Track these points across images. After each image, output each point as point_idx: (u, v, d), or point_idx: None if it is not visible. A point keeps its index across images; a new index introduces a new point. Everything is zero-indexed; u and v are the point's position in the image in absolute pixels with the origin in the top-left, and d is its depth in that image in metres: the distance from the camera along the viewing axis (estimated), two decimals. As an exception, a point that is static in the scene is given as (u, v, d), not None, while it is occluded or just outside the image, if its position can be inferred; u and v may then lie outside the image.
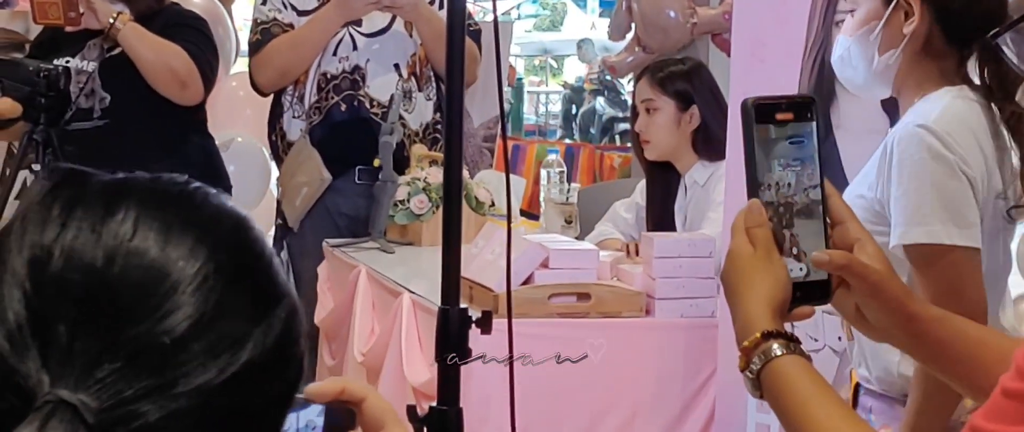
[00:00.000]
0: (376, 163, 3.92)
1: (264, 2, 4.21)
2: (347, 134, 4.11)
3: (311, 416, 1.03)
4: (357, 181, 4.14)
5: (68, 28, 3.98)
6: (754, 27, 2.87)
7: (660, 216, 3.71)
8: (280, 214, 4.29)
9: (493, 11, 2.12)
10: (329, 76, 4.14)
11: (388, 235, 3.91)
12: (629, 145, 7.78)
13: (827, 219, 1.28)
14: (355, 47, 4.15)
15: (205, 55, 4.01)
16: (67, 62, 3.99)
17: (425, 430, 1.97)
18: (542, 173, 4.25)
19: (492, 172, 5.21)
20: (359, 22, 4.15)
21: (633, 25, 5.58)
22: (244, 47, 4.94)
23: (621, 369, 3.02)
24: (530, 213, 5.95)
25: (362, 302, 3.54)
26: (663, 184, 3.73)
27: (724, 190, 3.08)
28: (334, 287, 3.89)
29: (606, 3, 19.77)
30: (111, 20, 3.88)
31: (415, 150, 4.09)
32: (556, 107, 17.81)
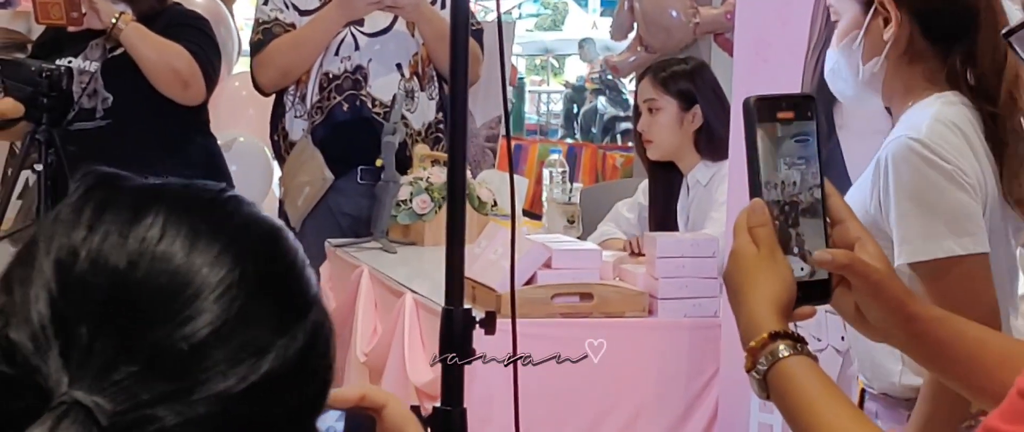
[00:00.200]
0: (378, 163, 3.92)
1: (266, 2, 4.21)
2: (349, 134, 4.11)
3: (331, 422, 1.03)
4: (359, 181, 4.14)
5: (70, 28, 3.98)
6: (757, 26, 2.87)
7: (662, 216, 3.71)
8: (282, 214, 4.29)
9: (497, 11, 2.12)
10: (331, 76, 4.14)
11: (390, 235, 3.91)
12: (631, 145, 7.78)
13: (827, 218, 1.28)
14: (357, 47, 4.15)
15: (207, 55, 4.01)
16: (69, 62, 3.98)
17: (429, 430, 1.97)
18: (544, 173, 4.25)
19: (494, 172, 5.22)
20: (361, 22, 4.15)
21: (635, 25, 5.59)
22: (246, 47, 4.94)
23: (624, 369, 3.02)
24: (532, 213, 5.95)
25: (364, 302, 3.54)
26: (665, 184, 3.73)
27: (727, 190, 3.08)
28: (336, 287, 3.89)
29: (607, 2, 19.77)
30: (113, 20, 3.88)
31: (417, 150, 4.09)
32: (557, 107, 17.80)
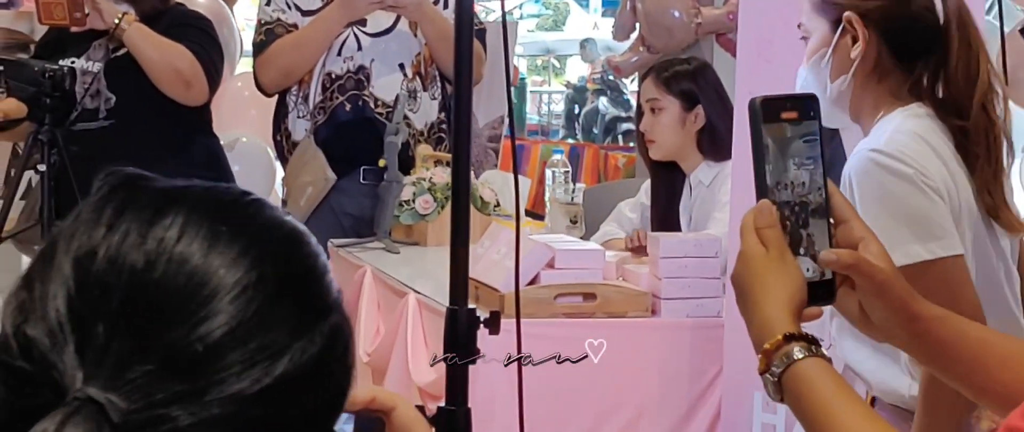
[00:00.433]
0: (381, 163, 3.92)
1: (268, 2, 4.21)
2: (352, 134, 4.11)
3: (340, 424, 1.03)
4: (362, 181, 4.14)
5: (73, 28, 3.98)
6: (760, 26, 2.87)
7: (665, 216, 3.71)
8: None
9: (501, 11, 2.12)
10: (334, 76, 4.14)
11: (393, 235, 3.91)
12: (633, 145, 7.78)
13: (830, 218, 1.28)
14: (360, 47, 4.15)
15: (210, 55, 4.02)
16: (72, 62, 3.99)
17: (433, 430, 1.97)
18: (547, 173, 4.25)
19: (497, 172, 5.22)
20: (363, 22, 4.15)
21: (637, 25, 5.59)
22: (247, 47, 4.94)
23: (627, 369, 3.02)
24: (535, 213, 5.96)
25: (367, 302, 3.54)
26: (668, 184, 3.73)
27: (730, 190, 3.08)
28: (339, 287, 3.88)
29: (608, 2, 19.77)
30: (116, 20, 3.89)
31: (420, 150, 4.09)
32: (559, 107, 17.80)
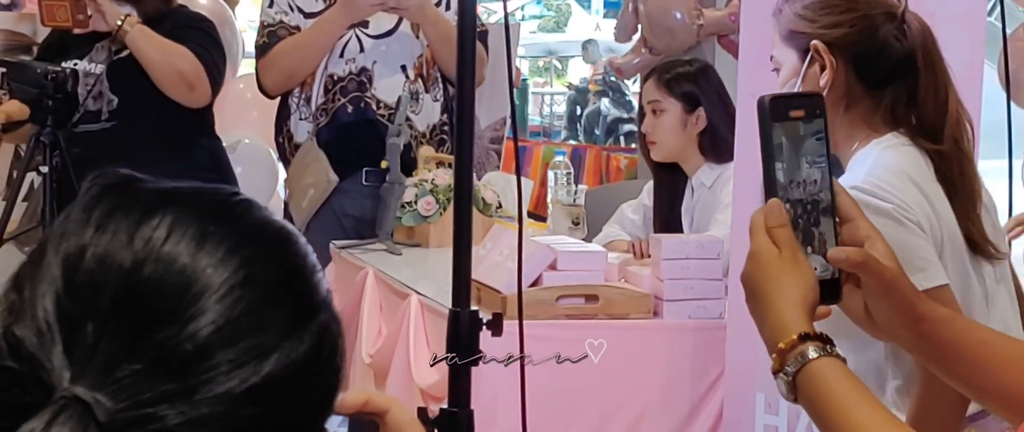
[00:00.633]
0: (383, 165, 3.92)
1: (270, 4, 4.21)
2: (354, 136, 4.11)
3: (334, 427, 1.03)
4: (364, 183, 4.14)
5: (76, 30, 3.98)
6: (761, 28, 2.87)
7: (667, 218, 3.71)
8: (287, 216, 4.29)
9: (504, 13, 2.13)
10: (336, 78, 4.14)
11: (395, 237, 3.91)
12: (635, 146, 7.77)
13: (836, 217, 1.28)
14: (362, 49, 4.15)
15: (212, 57, 4.02)
16: (75, 64, 3.99)
17: (436, 432, 1.97)
18: (549, 174, 4.25)
19: (499, 174, 5.22)
20: (366, 24, 4.16)
21: (639, 26, 5.59)
22: (249, 49, 4.94)
23: (628, 371, 3.02)
24: (537, 215, 5.96)
25: (369, 304, 3.54)
26: (670, 186, 3.73)
27: (732, 192, 3.08)
28: (341, 289, 3.89)
29: (610, 4, 19.79)
30: (119, 22, 3.89)
31: (422, 152, 4.09)
32: (561, 108, 17.80)
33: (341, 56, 4.15)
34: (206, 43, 4.02)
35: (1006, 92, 4.14)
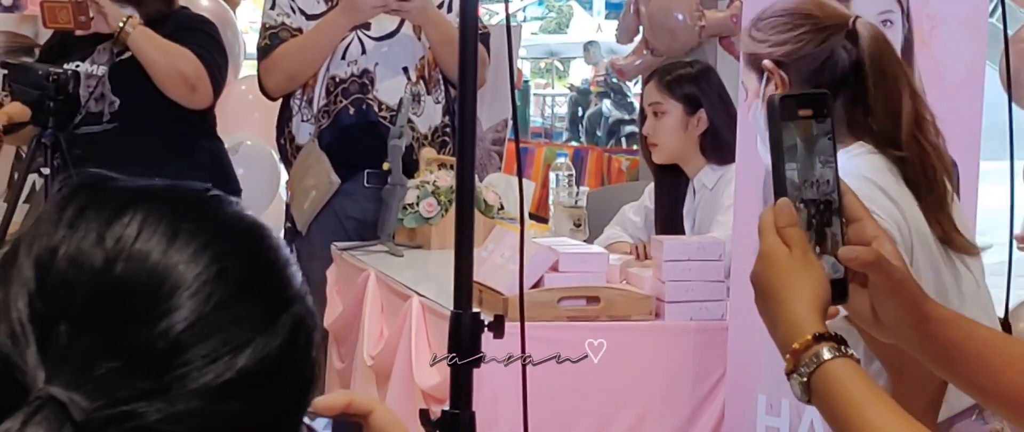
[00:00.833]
0: (385, 166, 3.92)
1: (272, 6, 4.21)
2: (356, 138, 4.11)
3: (318, 430, 1.03)
4: (366, 184, 4.14)
5: (78, 32, 3.99)
6: (763, 30, 2.87)
7: (668, 219, 3.71)
8: (289, 217, 4.30)
9: (506, 14, 2.13)
10: (338, 80, 4.15)
11: (397, 238, 3.92)
12: (636, 148, 7.77)
13: (843, 217, 1.28)
14: (364, 51, 4.15)
15: (214, 59, 4.02)
16: (77, 66, 4.00)
17: (436, 433, 1.97)
18: (551, 176, 4.25)
19: (501, 175, 5.22)
20: (367, 26, 4.16)
21: (641, 28, 5.59)
22: (251, 50, 4.95)
23: (630, 372, 3.02)
24: (539, 216, 5.95)
25: (371, 305, 3.54)
26: (671, 187, 3.73)
27: (734, 193, 3.08)
28: (343, 290, 3.89)
29: (612, 5, 19.80)
30: (121, 24, 3.90)
31: (424, 153, 4.09)
32: (562, 109, 17.81)
33: (343, 58, 4.15)
34: (208, 45, 4.03)
35: (1008, 94, 4.13)
